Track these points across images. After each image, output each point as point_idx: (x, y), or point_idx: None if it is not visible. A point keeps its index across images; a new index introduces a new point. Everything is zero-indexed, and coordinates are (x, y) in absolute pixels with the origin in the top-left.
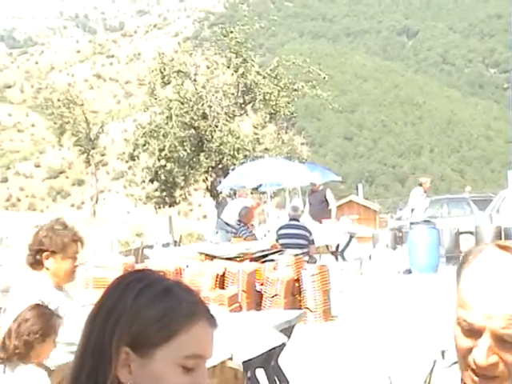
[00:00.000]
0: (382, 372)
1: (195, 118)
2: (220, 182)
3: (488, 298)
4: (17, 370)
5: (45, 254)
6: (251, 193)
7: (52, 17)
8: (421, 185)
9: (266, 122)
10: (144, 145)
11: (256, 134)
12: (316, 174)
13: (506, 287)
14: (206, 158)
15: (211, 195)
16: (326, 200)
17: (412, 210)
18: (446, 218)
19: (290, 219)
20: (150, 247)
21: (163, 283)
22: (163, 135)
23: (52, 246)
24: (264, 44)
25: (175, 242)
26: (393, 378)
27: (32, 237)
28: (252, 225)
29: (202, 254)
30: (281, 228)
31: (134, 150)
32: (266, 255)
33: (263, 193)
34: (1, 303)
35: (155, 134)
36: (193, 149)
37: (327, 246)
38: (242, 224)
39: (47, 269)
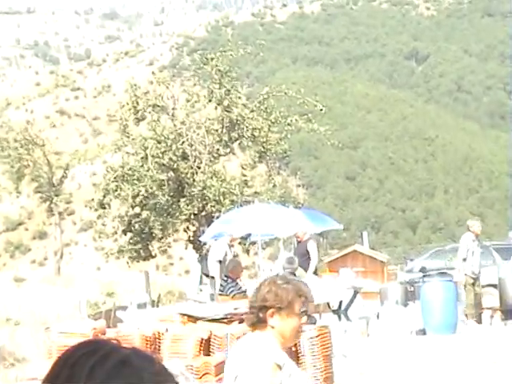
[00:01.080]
0: None
1: (174, 158)
2: (203, 231)
3: None
4: None
5: (270, 311)
6: (239, 243)
7: (7, 45)
8: (469, 229)
9: (255, 162)
10: (116, 190)
11: (244, 175)
12: (308, 222)
13: None
14: (187, 205)
15: (194, 247)
16: (308, 252)
17: (464, 260)
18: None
19: (288, 273)
20: (124, 308)
21: (118, 354)
22: (138, 179)
23: (277, 302)
24: (252, 72)
25: (153, 301)
26: None
27: (252, 293)
28: (241, 280)
29: (183, 315)
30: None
31: (105, 197)
32: None
33: (253, 243)
34: None
35: (128, 178)
36: (172, 194)
37: (328, 304)
38: (230, 279)
39: (272, 327)
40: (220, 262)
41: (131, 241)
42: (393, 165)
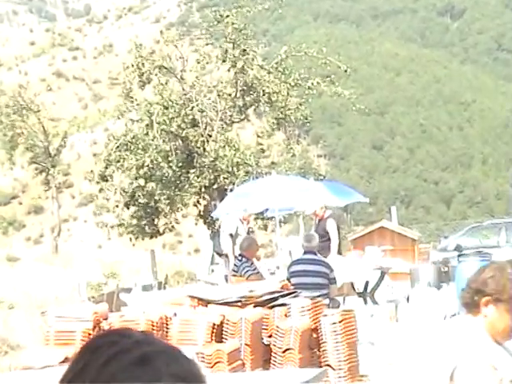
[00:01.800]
0: None
1: (183, 125)
2: (215, 206)
3: None
4: None
5: (485, 298)
6: (255, 219)
7: None
8: None
9: (272, 130)
10: (118, 161)
11: (260, 144)
12: (330, 195)
13: None
14: (198, 177)
15: (205, 223)
16: (328, 233)
17: None
18: (505, 247)
19: (305, 252)
20: (128, 291)
21: (140, 350)
22: (143, 148)
23: (497, 292)
24: (269, 30)
25: (159, 283)
26: None
27: (476, 272)
28: (258, 258)
29: (193, 298)
30: (293, 263)
31: (106, 168)
32: (275, 299)
33: (270, 218)
34: None
35: (132, 147)
36: (180, 165)
37: (353, 286)
38: (244, 259)
39: (485, 316)
40: (231, 236)
41: (135, 215)
42: (424, 132)
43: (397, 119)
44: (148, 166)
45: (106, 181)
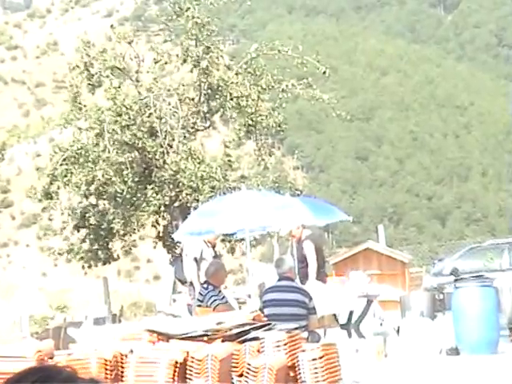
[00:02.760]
0: None
1: (139, 135)
2: (177, 226)
3: None
4: None
5: None
6: (223, 241)
7: None
8: None
9: (241, 139)
10: (65, 175)
11: (228, 155)
12: (308, 213)
13: None
14: (156, 193)
15: (164, 246)
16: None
17: None
18: (509, 271)
19: (280, 278)
20: (77, 325)
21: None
22: (93, 161)
23: None
24: (237, 25)
25: (113, 316)
26: None
27: None
28: (226, 287)
29: (152, 332)
30: (267, 292)
31: (51, 184)
32: (247, 332)
33: (240, 240)
34: None
35: (81, 160)
36: (136, 180)
37: (335, 316)
38: (211, 287)
39: None
40: (196, 260)
41: (86, 239)
42: (415, 140)
43: (383, 126)
44: (99, 181)
45: (51, 198)
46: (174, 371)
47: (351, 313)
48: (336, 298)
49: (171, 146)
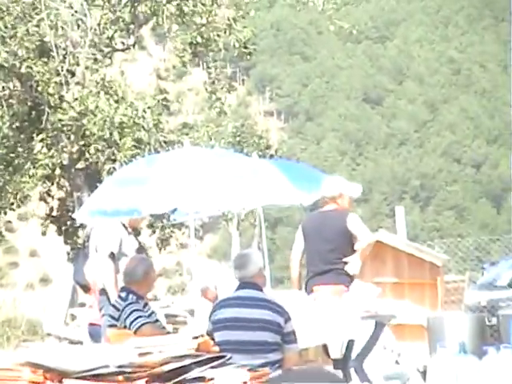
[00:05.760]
0: None
1: (22, 54)
2: (80, 201)
3: None
4: None
5: None
6: (151, 226)
7: None
8: None
9: (184, 65)
10: None
11: (163, 91)
12: (288, 185)
13: None
14: (49, 148)
15: (60, 232)
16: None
17: None
18: None
19: (240, 286)
20: None
21: None
22: None
23: None
24: None
25: None
26: None
27: None
28: (155, 298)
29: (37, 368)
30: (220, 306)
31: None
32: (187, 369)
33: (179, 226)
34: None
35: None
36: (17, 125)
37: (326, 348)
38: (132, 297)
39: None
40: (112, 256)
41: None
42: (457, 74)
43: (408, 50)
44: None
45: None
46: None
47: (351, 343)
48: (328, 320)
49: (73, 74)
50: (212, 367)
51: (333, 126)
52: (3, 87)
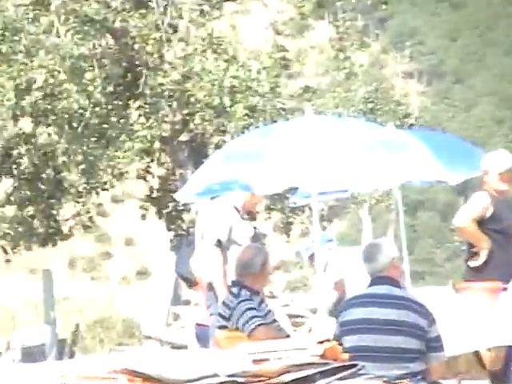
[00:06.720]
0: None
1: (114, 4)
2: (184, 178)
3: None
4: None
5: None
6: (269, 209)
7: None
8: None
9: (305, 17)
10: None
11: (281, 48)
12: (434, 162)
13: None
14: (147, 118)
15: (160, 215)
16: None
17: None
18: None
19: (372, 281)
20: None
21: None
22: (27, 51)
23: None
24: None
25: (61, 343)
26: None
27: None
28: (272, 294)
29: (135, 376)
30: (349, 305)
31: None
32: (311, 380)
33: (300, 209)
34: None
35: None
36: (110, 90)
37: (479, 358)
38: (245, 292)
39: None
40: (219, 244)
41: (12, 197)
42: None
43: None
44: (41, 89)
45: None
46: None
47: (510, 351)
48: (481, 323)
49: (176, 29)
50: (340, 378)
51: (487, 89)
52: (94, 45)
